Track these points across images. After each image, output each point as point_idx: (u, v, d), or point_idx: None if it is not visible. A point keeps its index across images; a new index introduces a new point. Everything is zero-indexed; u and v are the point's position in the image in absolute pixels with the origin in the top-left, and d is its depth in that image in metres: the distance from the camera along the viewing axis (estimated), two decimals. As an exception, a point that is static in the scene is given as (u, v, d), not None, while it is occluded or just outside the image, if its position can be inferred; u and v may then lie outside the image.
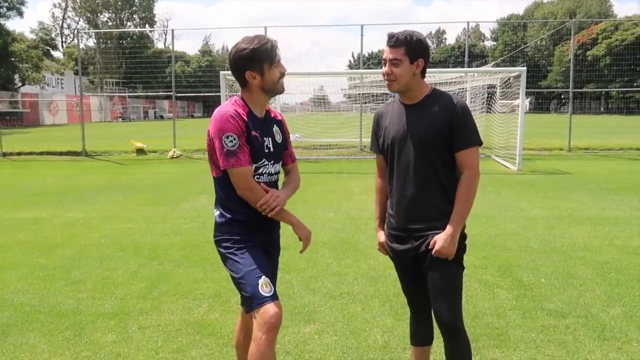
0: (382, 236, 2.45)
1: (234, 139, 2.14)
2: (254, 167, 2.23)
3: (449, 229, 2.16)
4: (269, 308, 2.09)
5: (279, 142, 2.36)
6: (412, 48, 2.17)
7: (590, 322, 3.42)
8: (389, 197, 2.37)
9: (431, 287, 2.24)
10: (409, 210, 2.25)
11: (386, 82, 2.25)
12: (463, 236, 2.28)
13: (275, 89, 2.27)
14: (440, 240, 2.16)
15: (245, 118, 2.19)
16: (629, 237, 5.60)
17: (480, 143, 2.21)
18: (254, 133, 2.21)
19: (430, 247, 2.19)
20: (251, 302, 2.14)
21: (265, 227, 2.32)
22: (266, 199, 2.21)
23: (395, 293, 3.90)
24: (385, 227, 2.43)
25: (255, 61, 2.17)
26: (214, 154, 2.22)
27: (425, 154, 2.19)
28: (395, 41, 2.17)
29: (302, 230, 2.34)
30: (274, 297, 2.14)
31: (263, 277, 2.15)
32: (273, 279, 2.30)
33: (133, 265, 4.79)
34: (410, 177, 2.22)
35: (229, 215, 2.28)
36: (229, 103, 2.24)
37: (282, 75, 2.26)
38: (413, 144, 2.20)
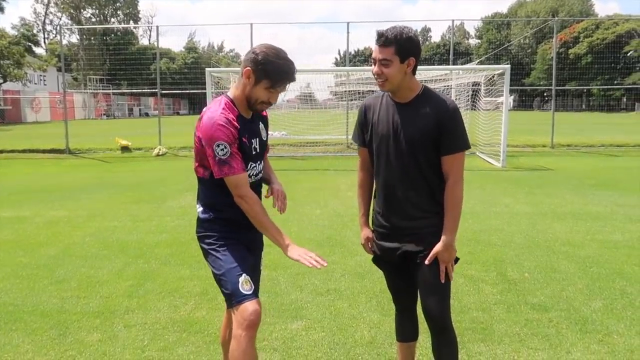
0: (367, 232, 2.45)
1: (225, 147, 2.10)
2: None
3: (444, 239, 2.16)
4: (248, 306, 2.10)
5: (264, 139, 2.37)
6: (402, 47, 2.09)
7: (572, 316, 3.49)
8: (377, 195, 2.36)
9: (421, 283, 2.24)
10: (397, 208, 2.24)
11: (377, 82, 2.19)
12: None
13: (253, 106, 2.22)
14: (439, 253, 2.17)
15: (236, 124, 2.15)
16: (609, 232, 5.71)
17: (467, 147, 2.20)
18: (243, 139, 2.19)
19: (428, 262, 2.18)
20: (231, 299, 2.15)
21: (248, 225, 2.31)
22: (280, 200, 2.38)
23: (381, 289, 3.93)
24: (372, 224, 2.42)
25: (260, 69, 2.12)
26: (203, 157, 2.19)
27: (414, 154, 2.16)
28: (384, 40, 2.09)
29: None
30: (254, 295, 2.15)
31: (244, 275, 2.16)
32: (255, 277, 2.30)
33: (118, 264, 4.75)
34: (398, 177, 2.21)
35: (212, 214, 2.28)
36: (219, 107, 2.17)
37: (268, 103, 2.21)
38: (402, 144, 2.17)
